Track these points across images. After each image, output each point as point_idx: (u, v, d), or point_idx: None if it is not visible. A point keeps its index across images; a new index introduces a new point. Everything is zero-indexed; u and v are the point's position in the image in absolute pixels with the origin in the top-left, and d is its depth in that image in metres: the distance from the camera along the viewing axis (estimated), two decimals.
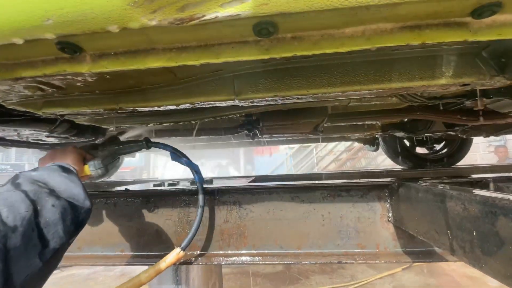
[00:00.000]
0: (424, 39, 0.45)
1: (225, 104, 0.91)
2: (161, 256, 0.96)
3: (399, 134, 1.74)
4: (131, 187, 1.28)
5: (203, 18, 0.39)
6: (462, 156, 2.26)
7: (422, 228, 0.67)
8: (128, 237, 1.02)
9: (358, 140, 2.25)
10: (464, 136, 1.78)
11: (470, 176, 1.09)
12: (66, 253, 0.64)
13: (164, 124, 1.37)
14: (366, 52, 0.79)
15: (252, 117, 1.38)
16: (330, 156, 9.12)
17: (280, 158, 9.33)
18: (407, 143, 2.21)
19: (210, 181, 1.46)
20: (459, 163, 2.37)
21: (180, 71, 0.80)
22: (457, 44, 0.75)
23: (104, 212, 1.06)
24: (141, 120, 1.31)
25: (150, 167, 9.41)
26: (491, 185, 0.80)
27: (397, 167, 2.45)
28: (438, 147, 2.20)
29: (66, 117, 1.07)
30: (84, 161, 0.93)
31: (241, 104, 0.90)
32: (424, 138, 2.06)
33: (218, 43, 0.49)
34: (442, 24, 0.45)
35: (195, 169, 0.94)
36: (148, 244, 0.98)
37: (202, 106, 0.93)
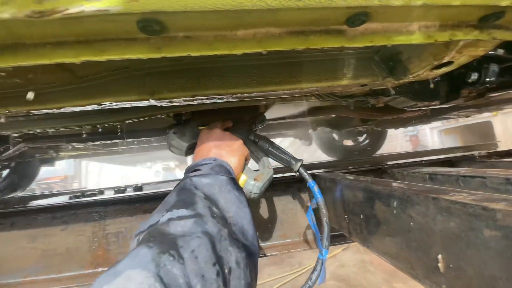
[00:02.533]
0: (308, 45, 0.49)
1: (144, 104, 0.86)
2: (73, 278, 0.86)
3: (327, 129, 1.90)
4: (41, 202, 1.10)
5: (66, 12, 0.35)
6: (380, 145, 2.60)
7: (330, 214, 0.74)
8: (33, 261, 0.88)
9: (294, 136, 2.39)
10: (379, 129, 2.05)
11: (385, 163, 1.25)
12: None
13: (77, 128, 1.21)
14: (277, 55, 0.84)
15: (182, 117, 1.33)
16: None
17: None
18: (336, 137, 2.44)
19: (139, 188, 1.36)
20: (380, 152, 2.72)
21: (79, 69, 0.71)
22: (353, 49, 0.85)
23: (1, 235, 0.89)
24: (47, 124, 1.13)
25: (81, 176, 8.34)
26: (389, 171, 0.93)
27: (330, 158, 2.69)
28: (361, 139, 2.48)
29: None
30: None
31: (159, 104, 0.86)
32: (349, 132, 2.30)
33: (102, 39, 0.45)
34: (324, 31, 0.50)
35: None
36: (58, 265, 0.86)
37: (120, 106, 0.85)
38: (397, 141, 8.20)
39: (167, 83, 0.77)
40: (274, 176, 0.78)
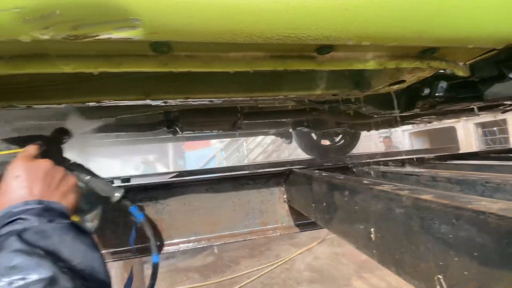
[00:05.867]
0: (286, 67, 0.61)
1: (138, 103, 0.94)
2: None
3: (305, 129, 2.06)
4: None
5: (97, 37, 0.45)
6: (354, 145, 2.81)
7: (302, 204, 0.88)
8: None
9: (275, 134, 2.53)
10: (353, 131, 2.24)
11: (350, 162, 1.42)
12: None
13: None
14: None
15: (171, 114, 1.41)
16: (258, 148, 9.65)
17: (211, 152, 9.35)
18: (314, 137, 2.62)
19: (127, 179, 1.43)
20: (354, 151, 2.95)
21: None
22: None
23: None
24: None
25: None
26: (353, 169, 1.09)
27: (307, 156, 2.87)
28: (337, 139, 2.68)
29: None
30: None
31: (153, 103, 0.95)
32: (326, 132, 2.48)
33: (118, 54, 0.54)
34: (299, 56, 0.62)
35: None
36: None
37: (113, 104, 0.93)
38: (371, 141, 8.64)
39: (164, 85, 0.87)
40: (256, 171, 0.90)
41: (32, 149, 0.62)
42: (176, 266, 4.82)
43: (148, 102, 0.91)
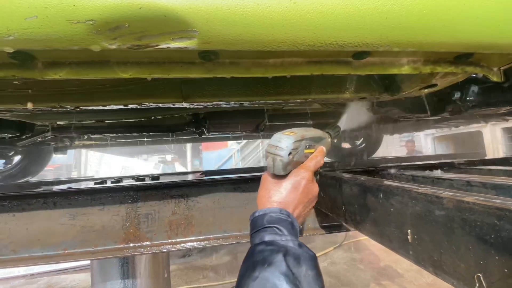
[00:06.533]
0: (323, 71, 0.64)
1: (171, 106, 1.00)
2: (107, 251, 1.01)
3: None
4: (72, 186, 1.24)
5: (157, 47, 0.49)
6: (376, 149, 2.77)
7: (330, 206, 0.90)
8: (71, 236, 1.02)
9: None
10: (375, 134, 2.22)
11: (379, 166, 1.41)
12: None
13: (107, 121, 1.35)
14: None
15: (200, 116, 1.47)
16: None
17: (228, 152, 9.46)
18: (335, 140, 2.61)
19: (157, 177, 1.50)
20: (376, 155, 2.90)
21: None
22: None
23: (43, 212, 1.03)
24: (81, 116, 1.27)
25: (81, 165, 8.43)
26: (380, 172, 1.08)
27: (328, 159, 2.85)
28: (357, 142, 2.65)
29: None
30: None
31: (188, 106, 1.00)
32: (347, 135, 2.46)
33: (168, 61, 0.59)
34: (335, 62, 0.65)
35: None
36: (94, 240, 1.01)
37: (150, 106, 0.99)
38: (392, 145, 8.41)
39: (200, 89, 0.92)
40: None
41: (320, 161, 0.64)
42: (192, 264, 4.91)
43: (183, 105, 0.97)
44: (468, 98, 1.12)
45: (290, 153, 0.58)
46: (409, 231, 0.51)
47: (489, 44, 0.58)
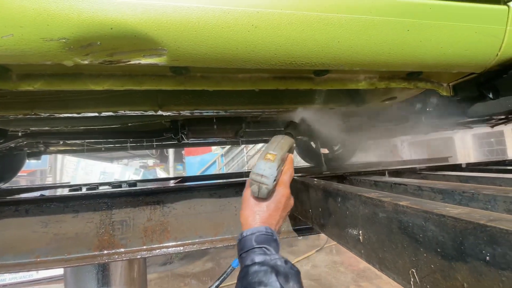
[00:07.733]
0: (287, 86, 0.69)
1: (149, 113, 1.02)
2: (81, 258, 1.00)
3: (305, 138, 2.13)
4: (45, 193, 1.22)
5: (128, 63, 0.53)
6: (353, 154, 2.89)
7: (300, 210, 0.95)
8: (44, 243, 1.01)
9: None
10: (352, 140, 2.32)
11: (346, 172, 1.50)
12: None
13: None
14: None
15: (178, 122, 1.49)
16: (258, 154, 9.70)
17: (211, 157, 9.41)
18: (313, 145, 2.69)
19: (134, 183, 1.50)
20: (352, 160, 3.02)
21: None
22: None
23: (15, 220, 1.01)
24: (56, 122, 1.26)
25: (56, 170, 8.06)
26: (348, 178, 1.16)
27: (307, 164, 2.94)
28: (335, 148, 2.75)
29: None
30: None
31: (165, 114, 1.03)
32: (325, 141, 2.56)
33: (141, 74, 0.63)
34: (299, 77, 0.71)
35: None
36: (67, 248, 1.00)
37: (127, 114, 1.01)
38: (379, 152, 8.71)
39: (175, 98, 0.95)
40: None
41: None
42: (173, 272, 4.82)
43: (160, 113, 0.99)
44: (427, 109, 1.22)
45: (274, 180, 0.62)
46: (360, 232, 0.57)
47: (433, 64, 0.66)
